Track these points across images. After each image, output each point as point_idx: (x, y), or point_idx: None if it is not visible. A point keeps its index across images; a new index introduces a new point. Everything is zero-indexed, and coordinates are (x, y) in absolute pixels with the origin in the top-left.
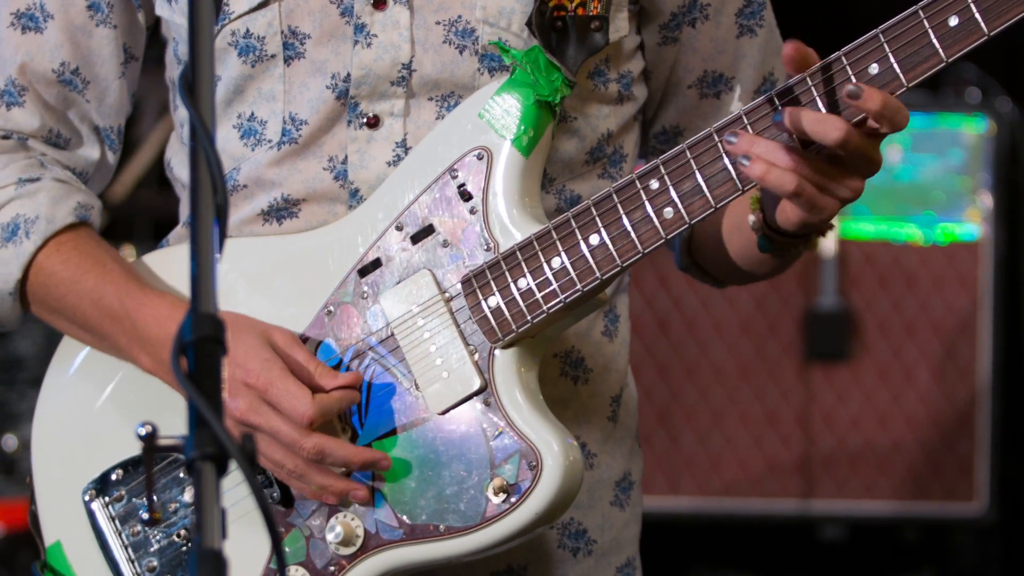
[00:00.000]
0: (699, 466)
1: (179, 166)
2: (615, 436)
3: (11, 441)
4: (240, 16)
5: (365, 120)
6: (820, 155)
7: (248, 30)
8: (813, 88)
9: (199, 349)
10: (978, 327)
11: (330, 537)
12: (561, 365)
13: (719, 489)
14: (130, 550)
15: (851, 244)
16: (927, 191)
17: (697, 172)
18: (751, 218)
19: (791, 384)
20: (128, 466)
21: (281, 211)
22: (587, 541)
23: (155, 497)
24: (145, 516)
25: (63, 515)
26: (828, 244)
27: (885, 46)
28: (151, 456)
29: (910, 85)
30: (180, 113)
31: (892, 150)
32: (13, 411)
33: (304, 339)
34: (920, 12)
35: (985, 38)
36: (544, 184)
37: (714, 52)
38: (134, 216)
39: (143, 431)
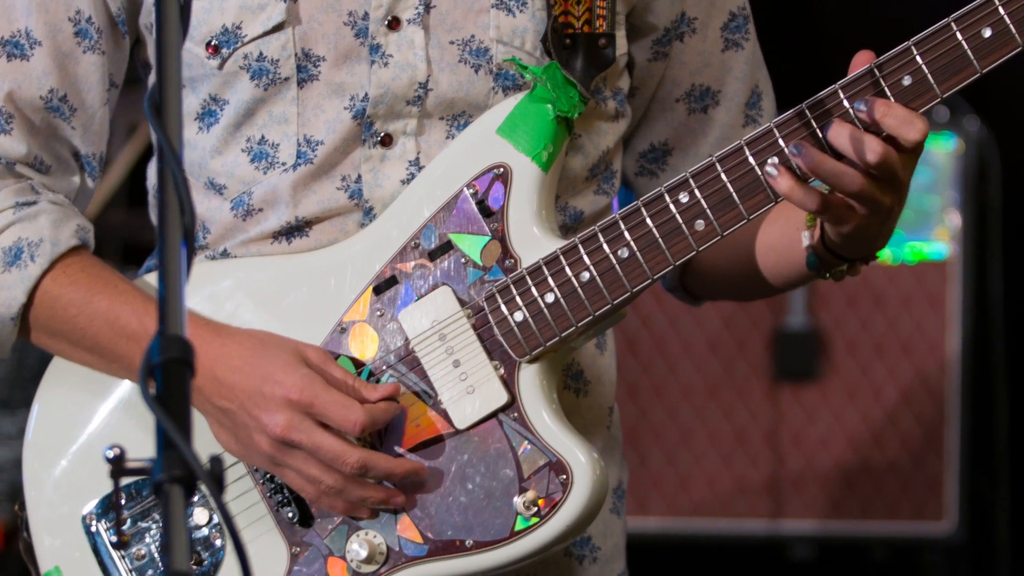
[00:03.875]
0: (667, 486)
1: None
2: (610, 446)
3: None
4: (254, 39)
5: (379, 139)
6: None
7: (261, 53)
8: (845, 100)
9: (167, 371)
10: (946, 346)
11: (352, 555)
12: (563, 378)
13: (688, 509)
14: (134, 574)
15: None
16: None
17: (729, 184)
18: (805, 234)
19: (760, 403)
20: (131, 489)
21: (292, 231)
22: (592, 548)
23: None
24: (150, 541)
25: (61, 541)
26: None
27: (918, 58)
28: (118, 479)
29: (944, 96)
30: (188, 139)
31: None
32: None
33: None
34: (953, 24)
35: (1020, 48)
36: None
37: (701, 65)
38: (102, 237)
39: (111, 454)
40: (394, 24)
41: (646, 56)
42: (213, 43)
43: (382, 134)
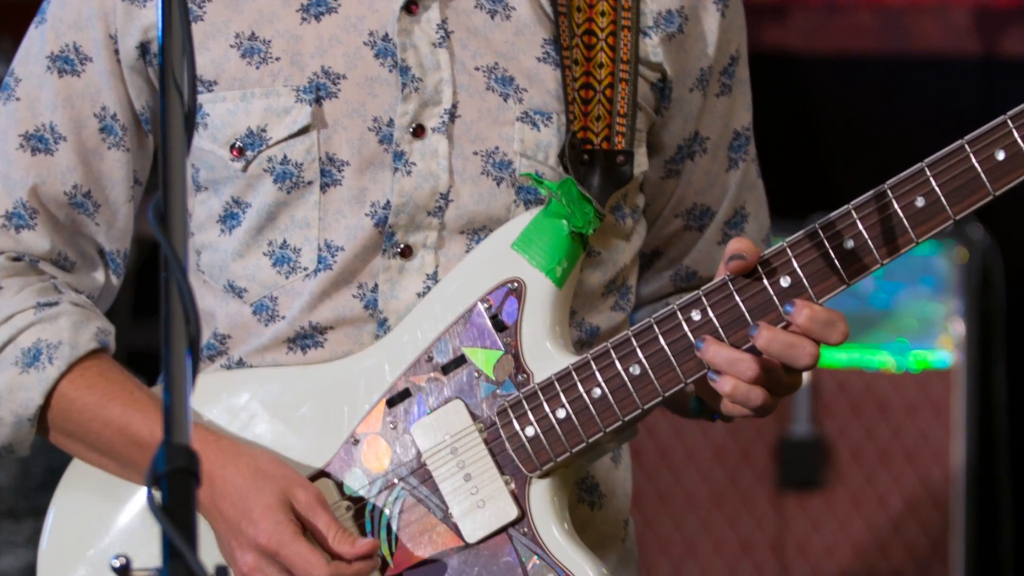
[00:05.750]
0: None
1: (209, 294)
2: (626, 559)
3: None
4: (278, 142)
5: (399, 250)
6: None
7: (286, 156)
8: (859, 220)
9: (172, 480)
10: (951, 454)
11: None
12: (578, 491)
13: None
14: None
15: (824, 372)
16: (900, 318)
17: (741, 303)
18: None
19: (765, 512)
20: None
21: (307, 339)
22: None
23: None
24: None
25: None
26: None
27: (932, 180)
28: None
29: (957, 218)
30: (196, 240)
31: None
32: None
33: (327, 472)
34: (967, 146)
35: None
36: (567, 318)
37: (706, 185)
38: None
39: (116, 563)
40: (419, 132)
41: (659, 174)
42: (238, 145)
43: (402, 245)
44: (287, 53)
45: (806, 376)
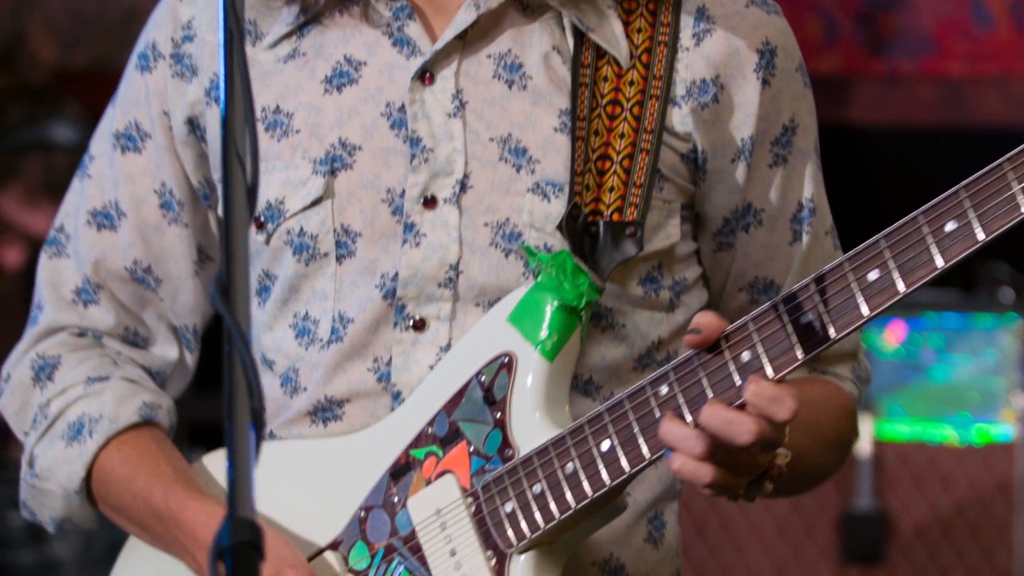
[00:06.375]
0: None
1: None
2: None
3: None
4: (295, 214)
5: (411, 323)
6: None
7: (302, 228)
8: (816, 293)
9: (236, 555)
10: (1015, 529)
11: None
12: (600, 573)
13: None
14: None
15: (886, 445)
16: (962, 392)
17: (704, 378)
18: None
19: None
20: None
21: (326, 411)
22: None
23: None
24: None
25: None
26: (864, 446)
27: (885, 252)
28: None
29: (908, 291)
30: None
31: (926, 351)
32: None
33: (336, 544)
34: (920, 217)
35: (979, 245)
36: (591, 391)
37: (766, 259)
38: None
39: None
40: (430, 203)
41: (710, 247)
42: (260, 219)
43: (415, 318)
44: (307, 125)
45: (868, 450)
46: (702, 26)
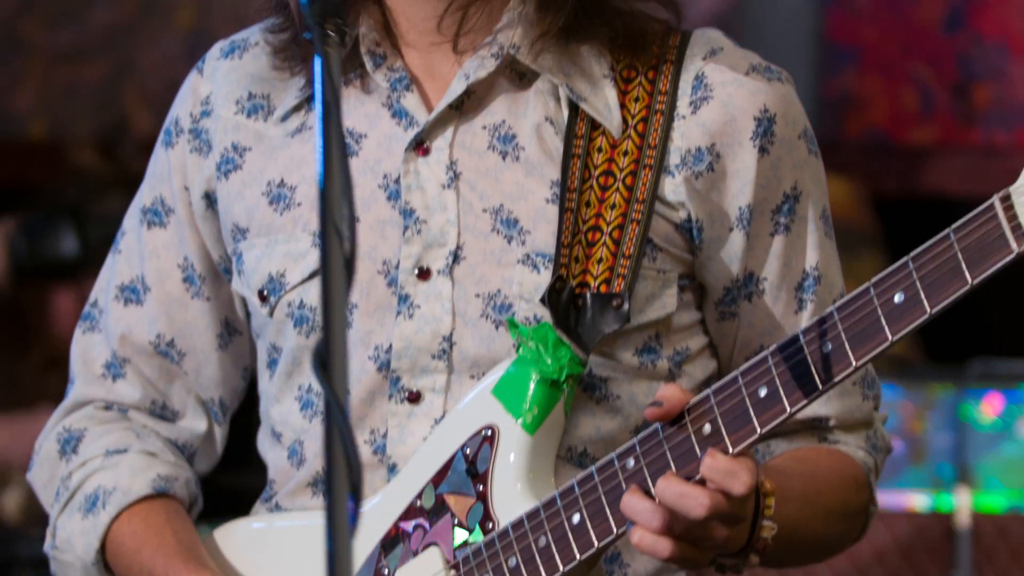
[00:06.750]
0: None
1: (264, 439)
2: None
3: None
4: (295, 287)
5: (407, 395)
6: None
7: (302, 300)
8: (773, 367)
9: None
10: None
11: None
12: None
13: None
14: None
15: (984, 518)
16: None
17: (668, 451)
18: None
19: None
20: None
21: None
22: None
23: None
24: None
25: None
26: (962, 518)
27: (838, 323)
28: None
29: (858, 364)
30: (263, 388)
31: (1022, 422)
32: None
33: None
34: (871, 288)
35: (927, 316)
36: (585, 463)
37: (771, 327)
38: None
39: None
40: (424, 274)
41: (714, 316)
42: (263, 292)
43: (411, 390)
44: (308, 198)
45: (966, 522)
46: (700, 94)
